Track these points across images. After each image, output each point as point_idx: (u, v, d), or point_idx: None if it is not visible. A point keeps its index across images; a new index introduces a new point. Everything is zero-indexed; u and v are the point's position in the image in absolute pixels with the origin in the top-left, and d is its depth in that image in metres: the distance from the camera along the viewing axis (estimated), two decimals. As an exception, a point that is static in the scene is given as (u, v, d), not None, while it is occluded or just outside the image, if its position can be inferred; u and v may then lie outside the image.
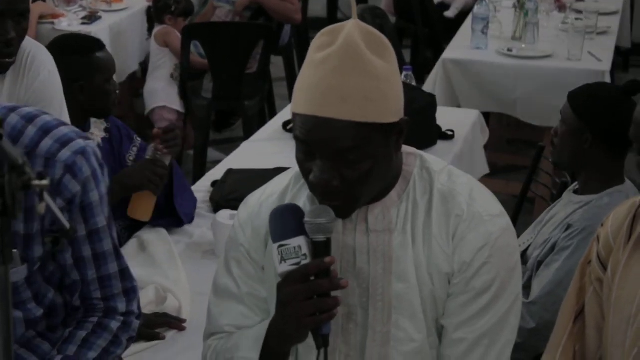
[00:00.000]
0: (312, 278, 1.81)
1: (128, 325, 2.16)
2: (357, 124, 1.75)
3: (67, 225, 1.71)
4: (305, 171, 1.83)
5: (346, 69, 1.75)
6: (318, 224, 1.82)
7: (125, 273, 2.15)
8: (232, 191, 3.53)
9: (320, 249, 1.82)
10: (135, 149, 3.44)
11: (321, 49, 1.78)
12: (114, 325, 2.14)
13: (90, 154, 2.02)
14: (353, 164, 1.78)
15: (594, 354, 1.99)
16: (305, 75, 1.79)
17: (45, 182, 1.36)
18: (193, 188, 3.68)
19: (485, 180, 5.06)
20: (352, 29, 1.78)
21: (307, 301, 1.81)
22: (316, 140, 1.77)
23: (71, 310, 2.17)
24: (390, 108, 1.79)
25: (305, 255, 1.82)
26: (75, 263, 2.08)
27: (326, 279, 1.81)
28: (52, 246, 1.99)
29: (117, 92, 3.34)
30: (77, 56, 3.25)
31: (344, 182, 1.79)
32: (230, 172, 3.75)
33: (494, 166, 5.99)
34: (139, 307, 2.20)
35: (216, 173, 3.85)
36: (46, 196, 1.41)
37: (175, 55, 5.98)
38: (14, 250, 1.87)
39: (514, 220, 3.98)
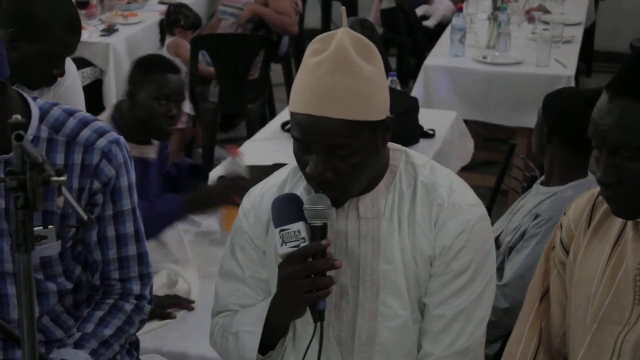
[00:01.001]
0: (310, 259, 1.82)
1: (140, 309, 2.18)
2: (347, 121, 1.76)
3: (85, 216, 1.72)
4: (302, 164, 1.84)
5: (337, 72, 1.76)
6: (316, 210, 1.83)
7: (143, 257, 2.17)
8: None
9: (318, 232, 1.83)
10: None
11: (315, 54, 1.79)
12: (128, 307, 2.15)
13: (122, 144, 2.09)
14: (344, 158, 1.79)
15: (557, 329, 1.99)
16: (301, 78, 1.80)
17: (63, 178, 1.37)
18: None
19: (463, 174, 5.07)
20: (342, 36, 1.79)
21: (305, 279, 1.82)
22: (311, 136, 1.78)
23: (91, 290, 2.18)
24: (377, 107, 1.79)
25: (304, 238, 1.83)
26: (98, 242, 2.11)
27: (322, 259, 1.82)
28: (74, 236, 2.01)
29: (172, 117, 3.09)
30: (137, 69, 3.16)
31: (336, 174, 1.80)
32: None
33: (471, 162, 6.00)
34: (151, 293, 2.22)
35: (220, 169, 3.84)
36: (64, 191, 1.42)
37: (185, 64, 5.97)
38: (51, 226, 1.93)
39: (489, 210, 3.97)
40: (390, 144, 1.95)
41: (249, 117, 5.95)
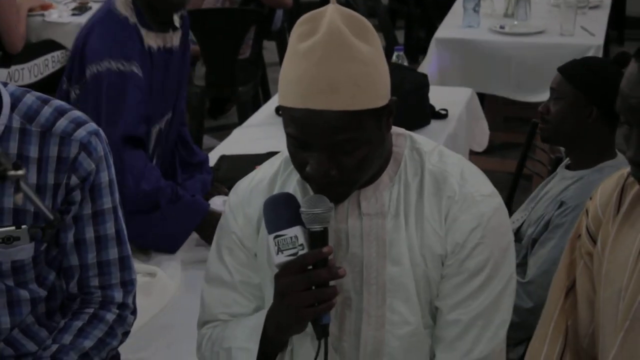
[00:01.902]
0: (310, 268, 1.80)
1: (123, 319, 2.17)
2: (350, 112, 1.73)
3: (51, 216, 1.71)
4: (299, 163, 1.82)
5: (333, 58, 1.73)
6: (315, 214, 1.81)
7: (125, 261, 2.17)
8: (229, 178, 3.51)
9: (317, 238, 1.81)
10: None
11: (304, 37, 1.76)
12: (110, 317, 2.15)
13: (102, 137, 2.08)
14: (349, 153, 1.77)
15: (586, 328, 1.99)
16: (292, 67, 1.77)
17: (21, 172, 1.36)
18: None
19: (481, 158, 5.07)
20: (333, 14, 1.75)
21: (306, 291, 1.80)
22: (311, 134, 1.75)
23: (67, 300, 2.18)
24: (380, 92, 1.78)
25: (302, 245, 1.81)
26: (75, 244, 2.10)
27: (324, 268, 1.80)
28: (40, 237, 2.01)
29: None
30: None
31: (341, 171, 1.79)
32: (223, 159, 3.73)
33: (490, 144, 5.99)
34: (134, 302, 2.21)
35: (210, 160, 3.82)
36: (24, 187, 1.41)
37: None
38: (24, 226, 1.91)
39: (510, 198, 3.98)
40: (394, 128, 1.93)
41: (241, 101, 5.94)
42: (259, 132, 4.13)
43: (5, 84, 2.06)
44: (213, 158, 3.82)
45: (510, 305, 1.93)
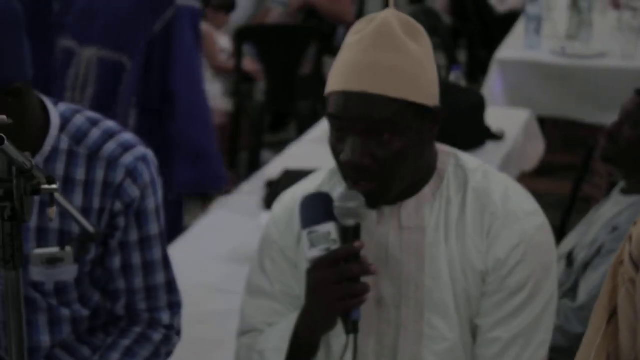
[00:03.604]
0: (342, 263, 1.81)
1: (169, 340, 2.18)
2: (389, 98, 1.75)
3: (91, 228, 1.72)
4: (337, 152, 1.83)
5: (379, 46, 1.77)
6: (347, 208, 1.82)
7: (172, 285, 2.17)
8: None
9: (350, 233, 1.83)
10: None
11: (356, 33, 1.81)
12: (157, 337, 2.15)
13: (150, 161, 2.07)
14: (384, 143, 1.78)
15: (627, 355, 1.95)
16: (339, 57, 1.81)
17: (54, 186, 1.37)
18: (246, 189, 3.65)
19: (538, 179, 5.02)
20: (388, 14, 1.80)
21: (337, 286, 1.81)
22: (349, 114, 1.77)
23: (114, 319, 2.18)
24: (423, 88, 1.79)
25: (334, 240, 1.82)
26: (122, 270, 2.10)
27: (356, 263, 1.81)
28: (78, 252, 2.02)
29: None
30: None
31: (375, 162, 1.79)
32: (287, 173, 3.68)
33: (549, 165, 5.93)
34: (179, 324, 2.21)
35: (272, 173, 3.76)
36: (61, 200, 1.41)
37: (207, 59, 5.67)
38: (68, 248, 1.91)
39: (565, 220, 3.92)
40: (439, 146, 1.93)
41: (300, 115, 5.96)
42: (315, 148, 4.11)
43: (56, 103, 2.06)
44: (268, 172, 3.80)
45: (550, 324, 1.91)
